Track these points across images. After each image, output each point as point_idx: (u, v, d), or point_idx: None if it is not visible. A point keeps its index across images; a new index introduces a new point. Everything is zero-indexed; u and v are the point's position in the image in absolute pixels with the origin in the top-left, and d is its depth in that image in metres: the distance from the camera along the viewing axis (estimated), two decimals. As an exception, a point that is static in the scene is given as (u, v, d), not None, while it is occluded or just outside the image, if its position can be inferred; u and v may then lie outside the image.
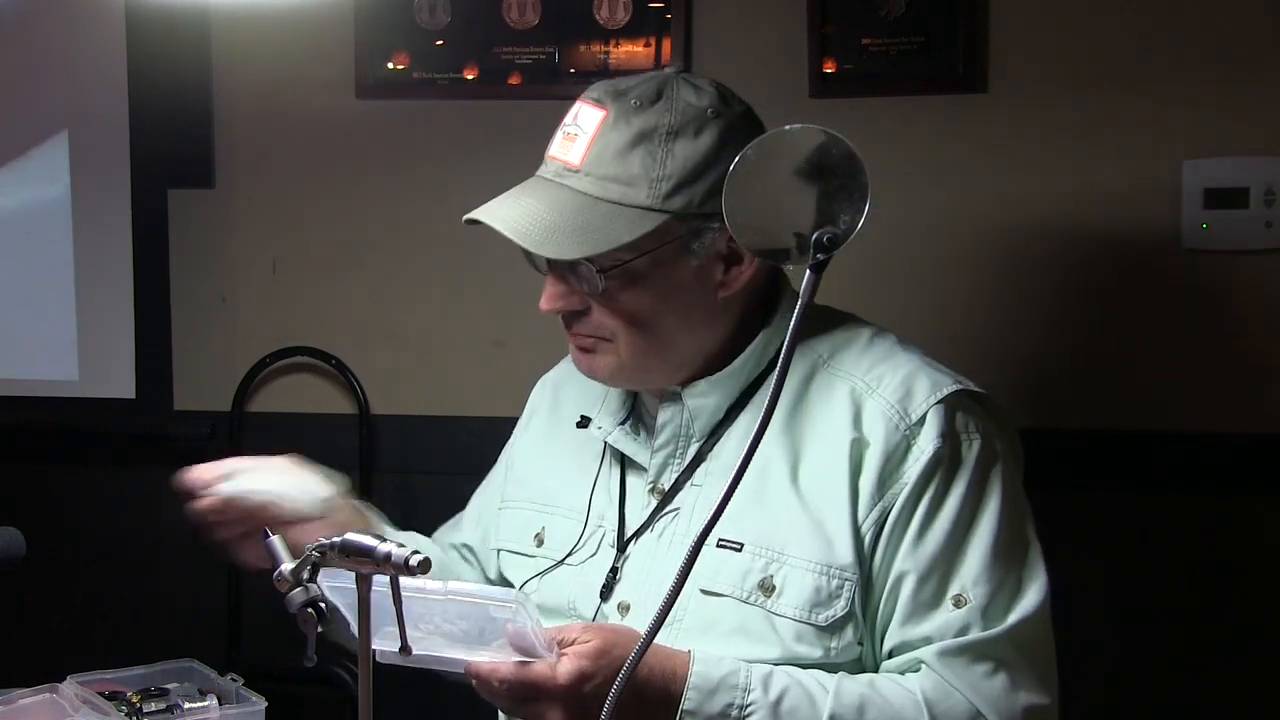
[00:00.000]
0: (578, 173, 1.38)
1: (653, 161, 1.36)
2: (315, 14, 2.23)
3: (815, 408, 1.42)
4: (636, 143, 1.37)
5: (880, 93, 2.10)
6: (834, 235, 1.14)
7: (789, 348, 1.12)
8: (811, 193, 1.16)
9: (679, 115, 1.38)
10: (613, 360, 1.42)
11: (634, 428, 1.52)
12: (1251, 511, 2.04)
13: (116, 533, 2.42)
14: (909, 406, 1.38)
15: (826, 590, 1.34)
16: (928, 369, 1.42)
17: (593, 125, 1.39)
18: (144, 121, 2.35)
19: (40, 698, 1.43)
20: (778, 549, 1.36)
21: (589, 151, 1.38)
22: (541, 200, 1.39)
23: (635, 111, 1.38)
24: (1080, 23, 2.05)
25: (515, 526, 1.59)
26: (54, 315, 2.43)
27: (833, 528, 1.36)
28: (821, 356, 1.44)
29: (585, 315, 1.41)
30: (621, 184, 1.36)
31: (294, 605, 1.20)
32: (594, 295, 1.39)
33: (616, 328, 1.40)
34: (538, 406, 1.68)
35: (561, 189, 1.38)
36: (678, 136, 1.37)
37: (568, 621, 1.48)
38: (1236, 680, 2.05)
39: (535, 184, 1.42)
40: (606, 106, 1.39)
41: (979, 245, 2.10)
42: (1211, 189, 2.01)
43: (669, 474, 1.46)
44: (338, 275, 2.34)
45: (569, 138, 1.40)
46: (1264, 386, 2.03)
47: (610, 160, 1.37)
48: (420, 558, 1.14)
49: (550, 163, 1.42)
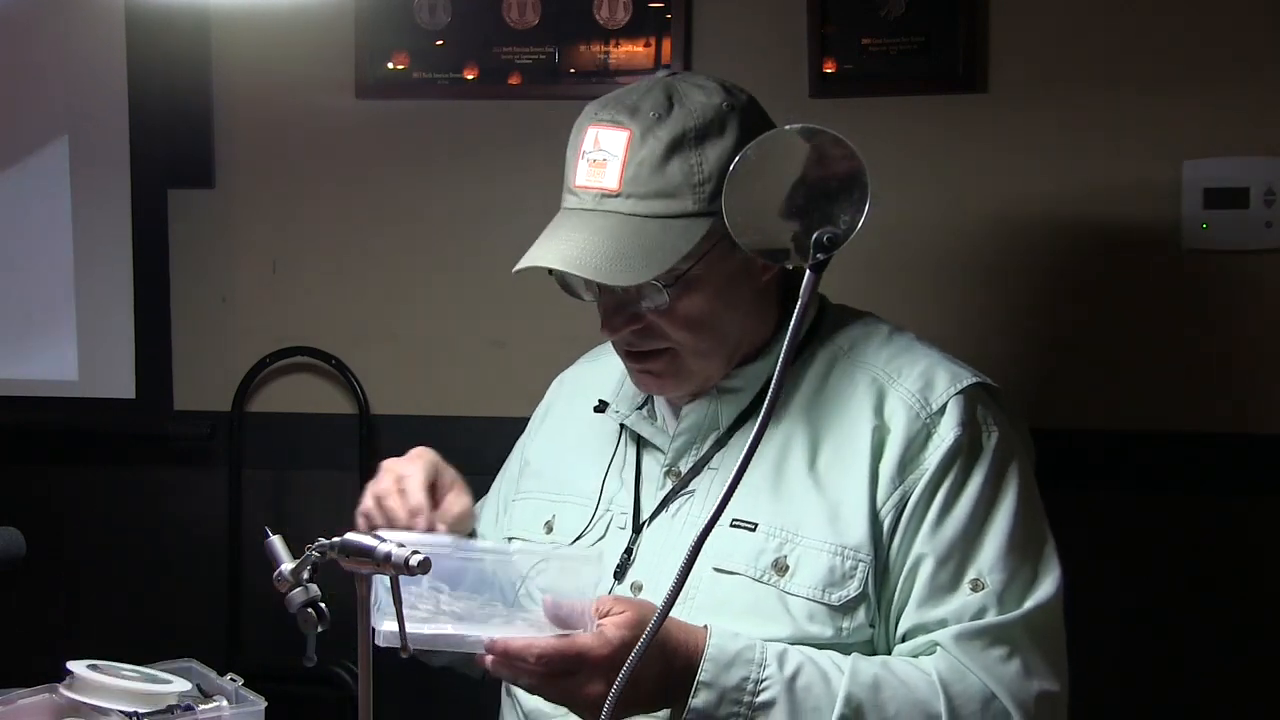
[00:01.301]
0: (618, 196, 1.38)
1: (690, 169, 1.37)
2: (315, 14, 2.23)
3: (836, 396, 1.45)
4: (670, 154, 1.37)
5: (880, 93, 2.10)
6: (834, 235, 1.15)
7: (790, 344, 1.13)
8: (811, 193, 1.16)
9: (698, 117, 1.39)
10: (679, 370, 1.44)
11: (650, 413, 1.54)
12: (1251, 511, 2.04)
13: (116, 533, 2.42)
14: (930, 396, 1.41)
15: (840, 571, 1.36)
16: (946, 362, 1.46)
17: (620, 146, 1.39)
18: (144, 122, 2.35)
19: (40, 698, 1.43)
20: (792, 530, 1.39)
21: (624, 173, 1.38)
22: (593, 231, 1.38)
23: (657, 124, 1.38)
24: (1080, 23, 2.05)
25: (527, 515, 1.60)
26: (54, 315, 2.43)
27: (849, 511, 1.38)
28: (842, 349, 1.48)
29: (647, 331, 1.42)
30: (665, 197, 1.37)
31: (294, 605, 1.20)
32: (658, 310, 1.40)
33: (679, 335, 1.41)
34: (554, 402, 1.70)
35: (607, 216, 1.39)
36: (705, 138, 1.38)
37: None
38: (1236, 680, 2.05)
39: (576, 216, 1.41)
40: (627, 126, 1.39)
41: (979, 245, 2.10)
42: (1211, 189, 2.01)
43: (688, 458, 1.49)
44: (338, 275, 2.34)
45: (597, 164, 1.40)
46: (1264, 387, 2.03)
47: (649, 177, 1.38)
48: (420, 558, 1.14)
49: (581, 193, 1.41)
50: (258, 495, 2.36)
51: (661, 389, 1.48)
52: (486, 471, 1.76)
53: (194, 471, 2.40)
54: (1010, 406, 1.48)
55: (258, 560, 1.31)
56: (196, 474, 2.40)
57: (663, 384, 1.47)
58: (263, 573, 1.26)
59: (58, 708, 1.42)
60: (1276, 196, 1.99)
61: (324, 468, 2.34)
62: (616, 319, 1.42)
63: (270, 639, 2.31)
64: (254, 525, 2.31)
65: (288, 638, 1.27)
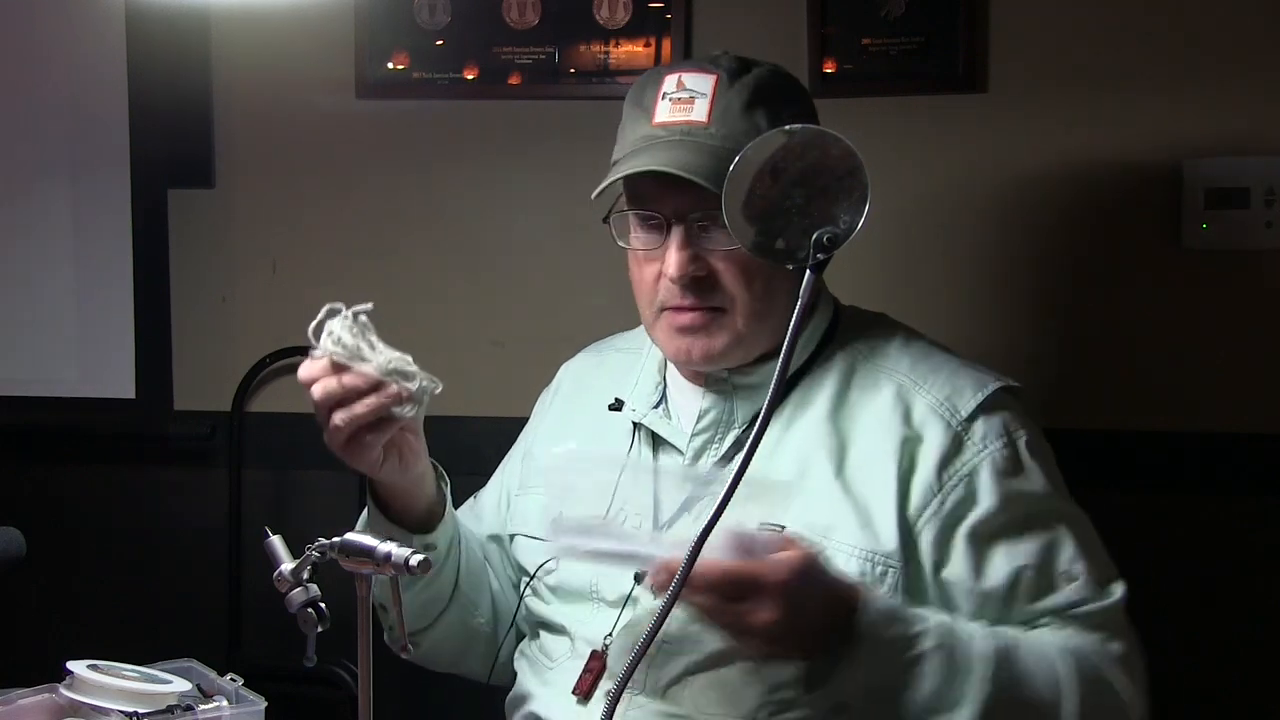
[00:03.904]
0: (708, 129, 1.40)
1: (775, 117, 1.40)
2: (315, 14, 2.23)
3: (860, 402, 1.45)
4: (755, 101, 1.41)
5: (880, 93, 2.10)
6: (834, 235, 1.15)
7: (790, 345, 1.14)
8: (812, 193, 1.16)
9: (773, 81, 1.44)
10: (728, 333, 1.43)
11: (665, 413, 1.54)
12: (1251, 511, 2.04)
13: (116, 533, 2.42)
14: (958, 404, 1.43)
15: (870, 576, 1.37)
16: (967, 368, 1.49)
17: (708, 87, 1.42)
18: (144, 121, 2.35)
19: (40, 698, 1.43)
20: (820, 533, 1.38)
21: (713, 109, 1.40)
22: (686, 150, 1.39)
23: (741, 74, 1.43)
24: (1080, 23, 2.05)
25: (533, 511, 1.59)
26: (54, 315, 2.43)
27: (879, 517, 1.39)
28: (861, 353, 1.49)
29: (706, 283, 1.42)
30: (754, 138, 1.38)
31: (294, 605, 1.20)
32: (728, 253, 1.40)
33: (738, 291, 1.42)
34: (559, 389, 1.70)
35: (699, 145, 1.39)
36: (781, 99, 1.43)
37: (588, 604, 1.49)
38: (1236, 680, 2.05)
39: (665, 144, 1.41)
40: (713, 71, 1.42)
41: (978, 245, 2.10)
42: (1211, 189, 2.00)
43: (706, 458, 1.48)
44: (338, 275, 2.34)
45: (683, 103, 1.42)
46: (1264, 387, 2.03)
47: (738, 117, 1.40)
48: (420, 558, 1.14)
49: (665, 130, 1.42)
50: (258, 495, 2.36)
51: (706, 351, 1.45)
52: (486, 472, 1.77)
53: (194, 471, 2.40)
54: (1030, 403, 1.50)
55: (258, 560, 1.30)
56: (196, 474, 2.39)
57: (708, 344, 1.44)
58: (263, 573, 1.26)
59: (58, 708, 1.42)
60: (1276, 196, 1.99)
61: (324, 468, 2.31)
62: (683, 257, 1.41)
63: (270, 639, 2.31)
64: (254, 525, 2.31)
65: (288, 638, 1.27)
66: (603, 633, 1.47)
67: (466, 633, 1.63)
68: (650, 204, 1.43)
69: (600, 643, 1.47)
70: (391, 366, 1.34)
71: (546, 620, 1.55)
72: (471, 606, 1.62)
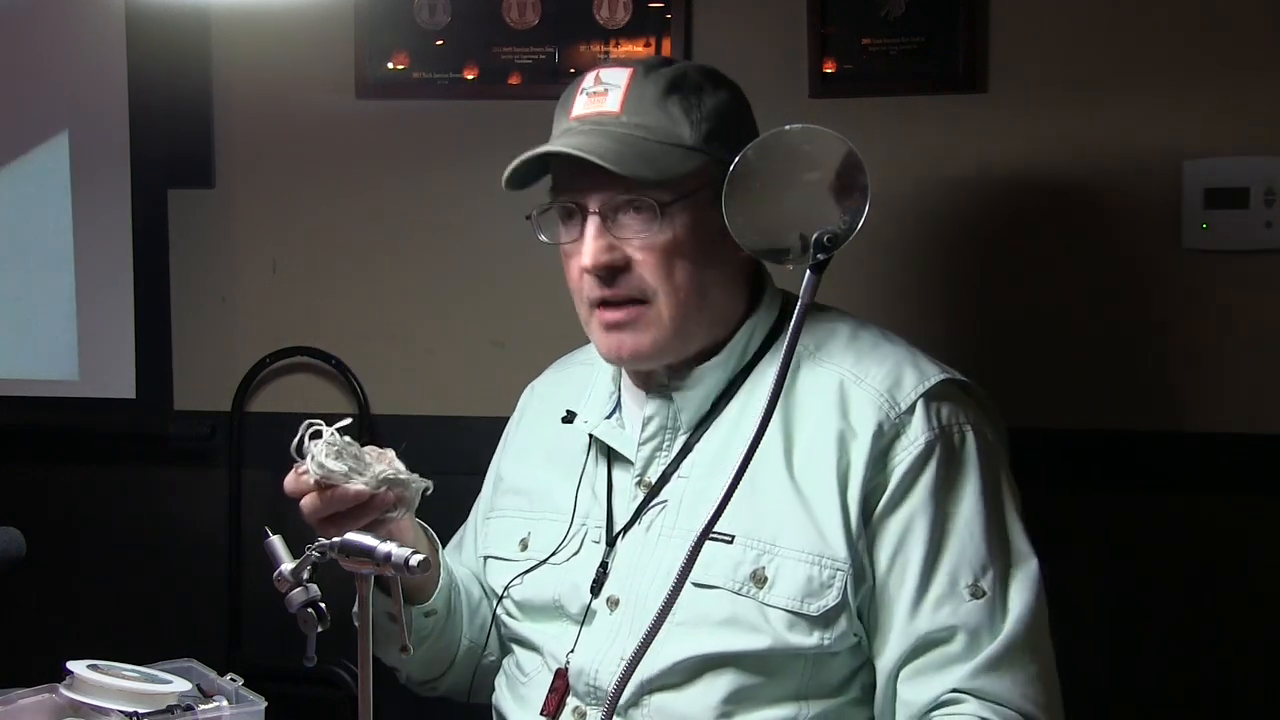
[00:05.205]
0: (619, 118, 1.41)
1: (689, 106, 1.41)
2: (315, 14, 2.23)
3: (804, 398, 1.43)
4: (669, 92, 1.41)
5: (880, 93, 2.10)
6: (834, 235, 1.15)
7: (789, 349, 1.13)
8: (811, 193, 1.16)
9: (694, 74, 1.44)
10: (655, 328, 1.42)
11: (619, 423, 1.53)
12: (1251, 511, 2.04)
13: (116, 533, 2.42)
14: (897, 395, 1.39)
15: (819, 580, 1.35)
16: (914, 359, 1.44)
17: (622, 79, 1.43)
18: (144, 121, 2.35)
19: (40, 698, 1.43)
20: (769, 540, 1.37)
21: (626, 101, 1.41)
22: (597, 137, 1.40)
23: (655, 69, 1.43)
24: (1080, 22, 2.04)
25: (502, 533, 1.60)
26: (54, 315, 2.43)
27: (824, 518, 1.36)
28: (807, 348, 1.46)
29: (625, 274, 1.41)
30: (665, 127, 1.40)
31: (294, 605, 1.20)
32: (644, 243, 1.39)
33: (658, 282, 1.40)
34: (525, 410, 1.69)
35: (609, 131, 1.40)
36: (702, 88, 1.43)
37: (556, 620, 1.49)
38: (1236, 680, 2.05)
39: (575, 133, 1.42)
40: (629, 66, 1.44)
41: (978, 244, 2.10)
42: (1211, 189, 2.00)
43: (655, 467, 1.47)
44: (338, 275, 2.34)
45: (597, 95, 1.43)
46: (1263, 387, 2.02)
47: (650, 108, 1.41)
48: (420, 558, 1.14)
49: (580, 120, 1.43)
50: (258, 495, 2.35)
51: (635, 347, 1.43)
52: (485, 472, 1.76)
53: (194, 471, 2.40)
54: (983, 400, 1.45)
55: (258, 560, 1.30)
56: (196, 474, 2.40)
57: (636, 339, 1.43)
58: (263, 573, 1.26)
59: (58, 708, 1.42)
60: (1276, 196, 1.99)
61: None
62: (599, 246, 1.40)
63: (270, 639, 2.31)
64: (254, 525, 2.31)
65: (288, 638, 1.27)
66: (565, 649, 1.47)
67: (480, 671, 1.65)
68: (563, 194, 1.44)
69: (564, 660, 1.47)
70: (383, 478, 1.33)
71: (519, 636, 1.56)
72: (479, 649, 1.63)
